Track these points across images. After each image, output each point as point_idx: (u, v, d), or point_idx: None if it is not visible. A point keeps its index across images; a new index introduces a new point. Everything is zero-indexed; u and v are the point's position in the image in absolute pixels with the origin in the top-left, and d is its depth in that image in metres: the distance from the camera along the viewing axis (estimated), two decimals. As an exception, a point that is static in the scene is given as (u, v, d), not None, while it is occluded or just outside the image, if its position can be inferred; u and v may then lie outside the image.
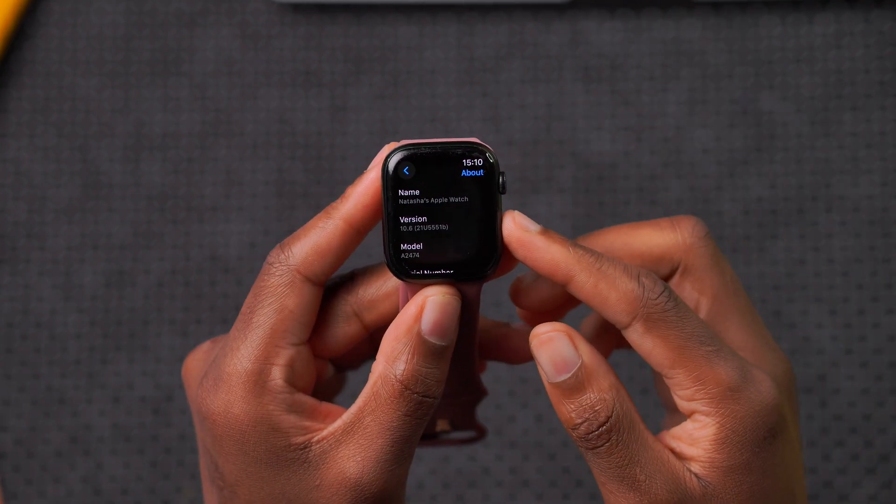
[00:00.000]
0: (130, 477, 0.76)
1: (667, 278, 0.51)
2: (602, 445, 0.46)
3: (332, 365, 0.53)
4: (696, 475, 0.47)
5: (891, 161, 0.77)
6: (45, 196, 0.79)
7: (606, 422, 0.46)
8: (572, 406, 0.47)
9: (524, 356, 0.53)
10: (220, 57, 0.79)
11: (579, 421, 0.47)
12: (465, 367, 0.52)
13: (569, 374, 0.47)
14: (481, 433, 0.57)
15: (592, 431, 0.46)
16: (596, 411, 0.46)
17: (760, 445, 0.47)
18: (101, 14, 0.80)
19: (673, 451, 0.48)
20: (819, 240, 0.77)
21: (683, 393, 0.47)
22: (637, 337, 0.47)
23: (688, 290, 0.50)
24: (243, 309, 0.48)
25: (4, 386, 0.77)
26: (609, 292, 0.47)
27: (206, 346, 0.52)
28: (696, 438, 0.47)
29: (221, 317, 0.78)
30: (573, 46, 0.80)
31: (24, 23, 0.80)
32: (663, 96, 0.78)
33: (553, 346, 0.47)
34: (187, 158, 0.79)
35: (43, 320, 0.78)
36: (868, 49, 0.78)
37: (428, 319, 0.47)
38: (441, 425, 0.55)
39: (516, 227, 0.47)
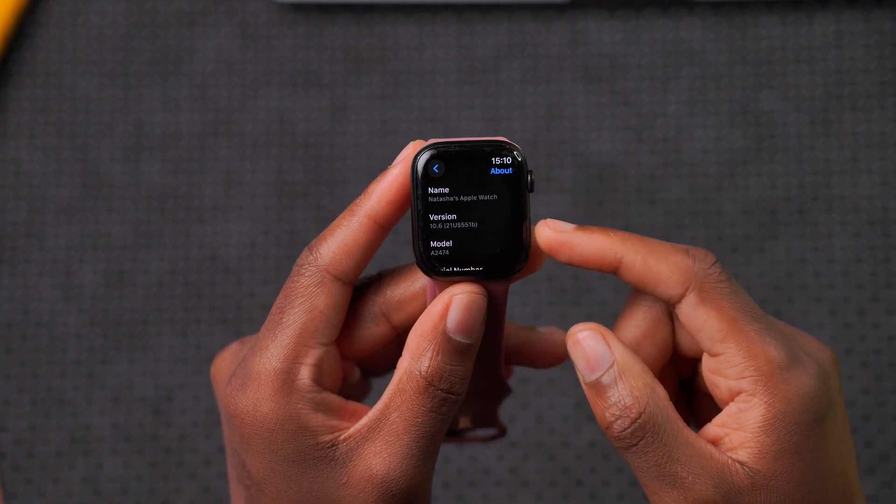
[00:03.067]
0: (130, 477, 0.76)
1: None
2: (637, 444, 0.46)
3: (359, 369, 0.53)
4: (742, 464, 0.47)
5: (891, 161, 0.77)
6: (45, 196, 0.79)
7: (638, 418, 0.46)
8: (605, 404, 0.47)
9: (550, 360, 0.53)
10: (220, 57, 0.79)
11: (611, 419, 0.46)
12: (491, 365, 0.52)
13: (601, 372, 0.47)
14: (503, 431, 0.57)
15: (625, 429, 0.46)
16: (627, 408, 0.46)
17: (810, 428, 0.46)
18: (101, 14, 0.80)
19: (718, 440, 0.47)
20: (819, 240, 0.77)
21: (732, 370, 0.47)
22: (690, 309, 0.47)
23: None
24: (273, 310, 0.49)
25: (4, 386, 0.77)
26: (659, 267, 0.47)
27: (234, 346, 0.52)
28: (742, 421, 0.47)
29: (221, 317, 0.78)
30: (573, 46, 0.80)
31: (24, 23, 0.80)
32: (663, 96, 0.78)
33: (586, 344, 0.47)
34: (187, 158, 0.79)
35: (43, 320, 0.78)
36: (868, 49, 0.78)
37: (453, 318, 0.47)
38: (463, 422, 0.56)
39: (554, 231, 0.47)
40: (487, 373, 0.52)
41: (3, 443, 0.77)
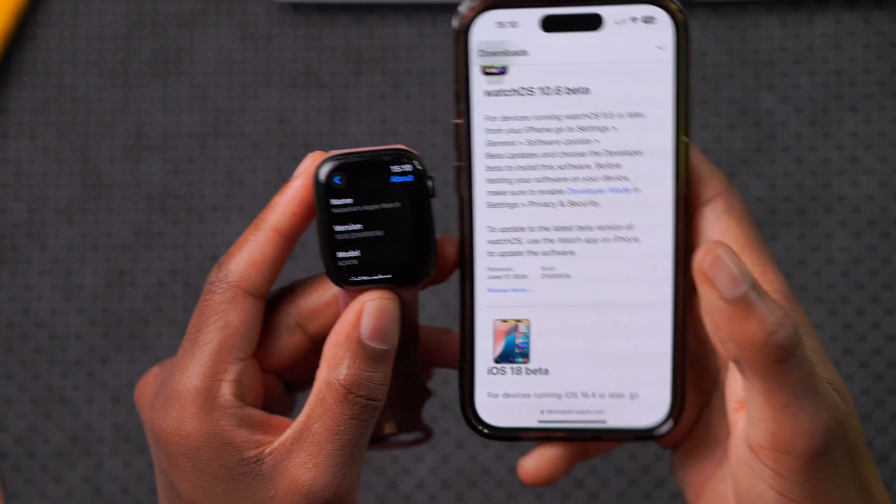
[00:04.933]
0: (130, 477, 0.77)
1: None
2: (795, 353, 0.44)
3: (282, 383, 0.54)
4: None
5: (891, 161, 0.77)
6: (45, 196, 0.79)
7: (796, 326, 0.44)
8: (760, 316, 0.44)
9: None
10: (220, 57, 0.79)
11: (772, 329, 0.44)
12: (409, 370, 0.53)
13: (746, 287, 0.45)
14: (428, 434, 0.57)
15: (790, 336, 0.44)
16: (784, 316, 0.45)
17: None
18: (101, 14, 0.80)
19: None
20: (819, 240, 0.77)
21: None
22: (715, 215, 0.49)
23: None
24: (189, 329, 0.49)
25: (4, 386, 0.77)
26: (702, 165, 0.49)
27: (155, 369, 0.52)
28: None
29: (221, 317, 0.78)
30: (573, 46, 0.80)
31: (25, 23, 0.80)
32: (663, 96, 0.78)
33: (728, 261, 0.45)
34: (187, 158, 0.79)
35: (43, 320, 0.78)
36: (868, 49, 0.78)
37: (367, 325, 0.47)
38: (388, 428, 0.56)
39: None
40: (406, 378, 0.53)
41: (3, 443, 0.77)
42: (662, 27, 0.48)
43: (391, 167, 0.47)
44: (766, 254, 0.49)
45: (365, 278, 0.48)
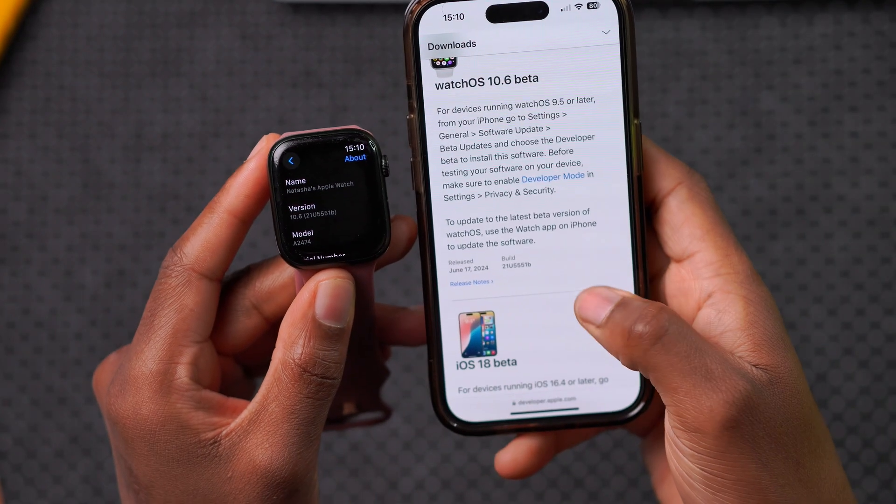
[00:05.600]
0: (131, 477, 0.77)
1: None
2: (664, 336, 0.45)
3: (241, 367, 0.54)
4: (749, 363, 0.47)
5: (890, 161, 0.77)
6: (45, 196, 0.79)
7: (659, 312, 0.46)
8: (623, 323, 0.46)
9: (421, 337, 0.54)
10: (220, 57, 0.79)
11: (632, 324, 0.46)
12: (365, 349, 0.53)
13: (613, 304, 0.47)
14: (387, 413, 0.58)
15: (648, 323, 0.46)
16: (646, 309, 0.46)
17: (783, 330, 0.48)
18: (101, 14, 0.80)
19: None
20: (819, 240, 0.77)
21: (707, 269, 0.49)
22: (677, 203, 0.49)
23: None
24: (144, 314, 0.49)
25: (4, 386, 0.77)
26: (660, 156, 0.50)
27: (112, 356, 0.52)
28: (725, 323, 0.48)
29: (221, 317, 0.78)
30: (573, 46, 0.80)
31: (25, 23, 0.80)
32: (663, 96, 0.78)
33: (595, 292, 0.47)
34: (187, 158, 0.79)
35: (43, 320, 0.78)
36: (868, 49, 0.78)
37: (321, 304, 0.47)
38: (348, 409, 0.57)
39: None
40: (363, 357, 0.53)
41: (3, 443, 0.77)
42: (607, 12, 0.49)
43: (345, 147, 0.47)
44: (730, 237, 0.50)
45: (319, 257, 0.48)
